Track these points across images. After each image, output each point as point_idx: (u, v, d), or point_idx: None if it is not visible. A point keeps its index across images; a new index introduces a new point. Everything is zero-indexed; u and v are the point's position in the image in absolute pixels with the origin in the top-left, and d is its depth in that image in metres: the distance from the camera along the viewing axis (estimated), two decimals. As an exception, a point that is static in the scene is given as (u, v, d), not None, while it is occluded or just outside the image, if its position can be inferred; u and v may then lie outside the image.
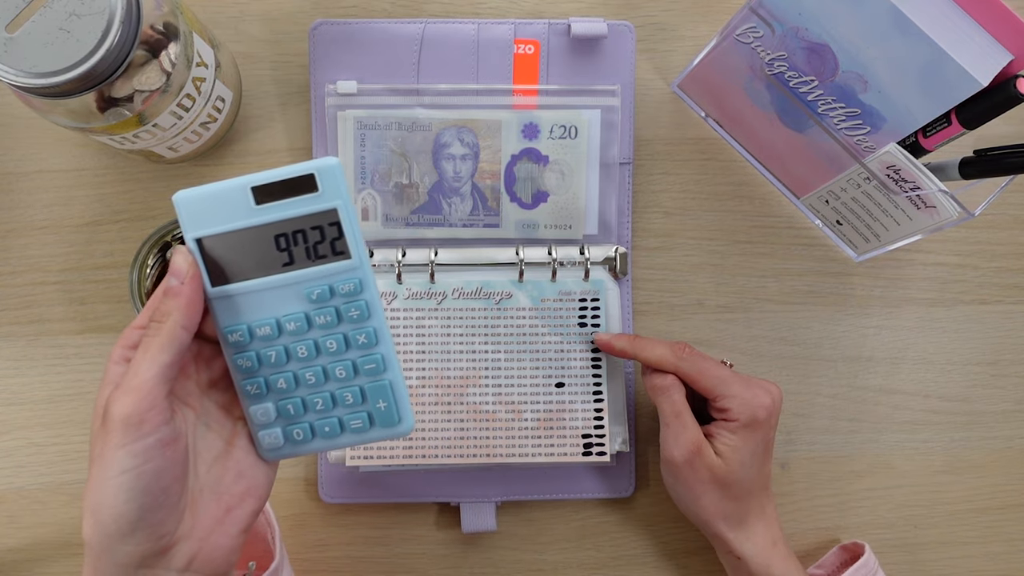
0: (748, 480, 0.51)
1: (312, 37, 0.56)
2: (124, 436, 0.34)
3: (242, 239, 0.37)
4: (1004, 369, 0.60)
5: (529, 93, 0.56)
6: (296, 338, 0.39)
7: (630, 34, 0.57)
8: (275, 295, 0.38)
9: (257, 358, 0.39)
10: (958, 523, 0.60)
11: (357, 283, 0.38)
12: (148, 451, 0.34)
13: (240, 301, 0.38)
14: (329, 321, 0.38)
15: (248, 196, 0.37)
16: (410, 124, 0.56)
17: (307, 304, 0.38)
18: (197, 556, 0.36)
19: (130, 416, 0.34)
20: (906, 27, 0.42)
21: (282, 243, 0.37)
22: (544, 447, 0.55)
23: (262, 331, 0.38)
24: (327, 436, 0.40)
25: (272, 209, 0.37)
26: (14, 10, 0.42)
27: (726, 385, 0.50)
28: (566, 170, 0.56)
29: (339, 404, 0.39)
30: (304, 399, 0.39)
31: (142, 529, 0.35)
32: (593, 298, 0.56)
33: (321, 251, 0.38)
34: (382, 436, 0.40)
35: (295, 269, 0.38)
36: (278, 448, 0.39)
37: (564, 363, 0.56)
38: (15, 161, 0.57)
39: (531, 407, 0.55)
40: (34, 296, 0.57)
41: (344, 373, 0.39)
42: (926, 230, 0.50)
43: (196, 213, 0.37)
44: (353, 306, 0.38)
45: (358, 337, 0.39)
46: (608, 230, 0.57)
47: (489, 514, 0.57)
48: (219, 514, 0.37)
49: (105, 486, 0.34)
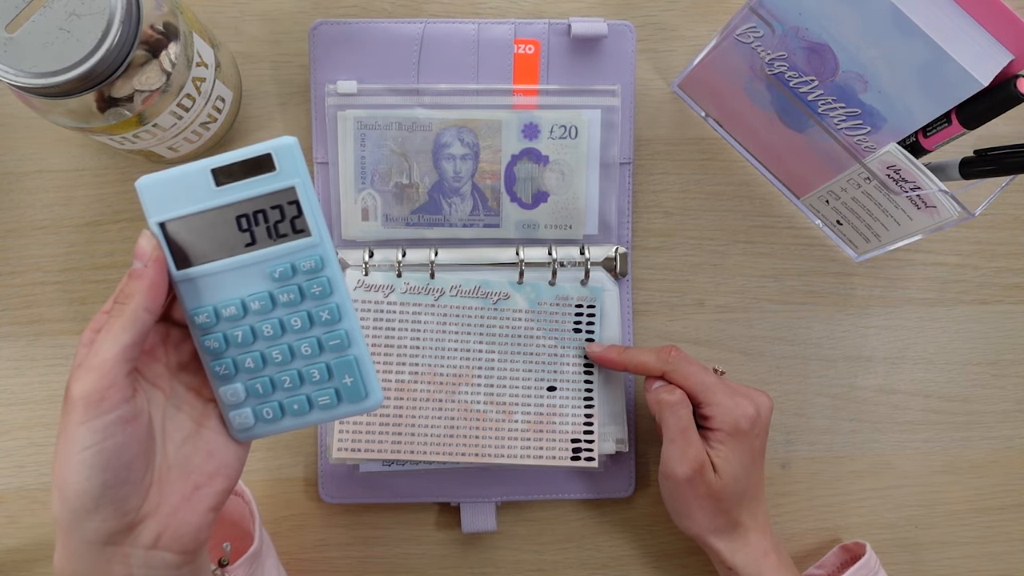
0: (739, 492, 0.51)
1: (312, 37, 0.56)
2: (85, 413, 0.35)
3: (204, 221, 0.38)
4: (1004, 369, 0.60)
5: (529, 93, 0.56)
6: (261, 317, 0.39)
7: (630, 34, 0.57)
8: (239, 275, 0.38)
9: (224, 339, 0.39)
10: (958, 523, 0.60)
11: (318, 259, 0.38)
12: (108, 428, 0.35)
13: (205, 283, 0.38)
14: (292, 299, 0.39)
15: (208, 178, 0.37)
16: (410, 124, 0.56)
17: (270, 283, 0.39)
18: (164, 533, 0.37)
19: (90, 394, 0.35)
20: (906, 27, 0.42)
21: (243, 223, 0.38)
22: (533, 450, 0.55)
23: (228, 311, 0.39)
24: (296, 414, 0.40)
25: (232, 190, 0.37)
26: (14, 10, 0.42)
27: (710, 392, 0.50)
28: (566, 170, 0.56)
29: (307, 381, 0.40)
30: (272, 377, 0.40)
31: (105, 505, 0.35)
32: (590, 304, 0.56)
33: (282, 230, 0.38)
34: (350, 412, 0.40)
35: (257, 249, 0.38)
36: (249, 428, 0.40)
37: (557, 367, 0.56)
38: (15, 161, 0.57)
39: (522, 409, 0.55)
40: (34, 296, 0.57)
41: (309, 350, 0.39)
42: (926, 230, 0.50)
43: (159, 197, 0.38)
44: (315, 283, 0.39)
45: (321, 313, 0.39)
46: (608, 230, 0.57)
47: (489, 514, 0.57)
48: (187, 491, 0.38)
49: (68, 463, 0.35)
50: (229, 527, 0.51)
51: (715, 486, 0.50)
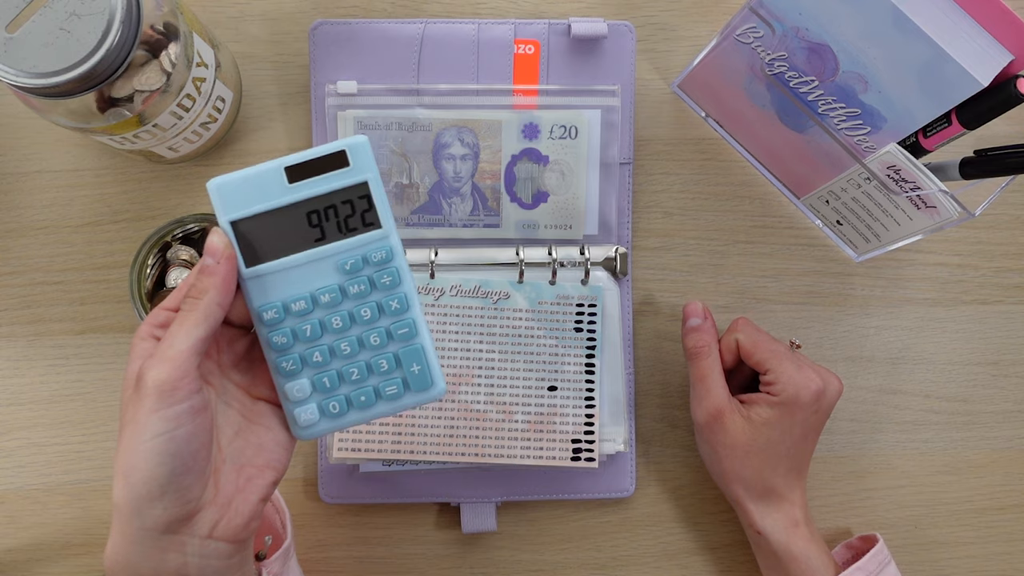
0: (775, 456, 0.51)
1: (312, 37, 0.56)
2: (159, 401, 0.36)
3: (275, 218, 0.39)
4: (1004, 369, 0.60)
5: (529, 93, 0.56)
6: (330, 310, 0.40)
7: (630, 34, 0.57)
8: (308, 270, 0.39)
9: (292, 334, 0.40)
10: (958, 523, 0.60)
11: (388, 250, 0.40)
12: (180, 416, 0.36)
13: (274, 279, 0.39)
14: (363, 290, 0.40)
15: (282, 176, 0.39)
16: (410, 124, 0.56)
17: (341, 276, 0.40)
18: (219, 523, 0.38)
19: (164, 383, 0.36)
20: (906, 27, 0.42)
21: (314, 219, 0.39)
22: (533, 450, 0.55)
23: (297, 306, 0.39)
24: (362, 406, 0.41)
25: (305, 187, 0.39)
26: (14, 10, 0.42)
27: (776, 360, 0.51)
28: (566, 170, 0.56)
29: (374, 372, 0.40)
30: (340, 371, 0.40)
31: (171, 493, 0.36)
32: (590, 303, 0.56)
33: (352, 224, 0.39)
34: (416, 402, 0.41)
35: (327, 243, 0.39)
36: (314, 424, 0.41)
37: (558, 367, 0.56)
38: (15, 161, 0.57)
39: (522, 409, 0.55)
40: (34, 296, 0.57)
41: (378, 340, 0.40)
42: (926, 230, 0.50)
43: (230, 197, 0.39)
44: (385, 273, 0.40)
45: (391, 303, 0.40)
46: (608, 230, 0.57)
47: (489, 514, 0.57)
48: (240, 483, 0.39)
49: (138, 449, 0.36)
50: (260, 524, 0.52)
51: (742, 435, 0.51)
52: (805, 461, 0.53)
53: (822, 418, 0.53)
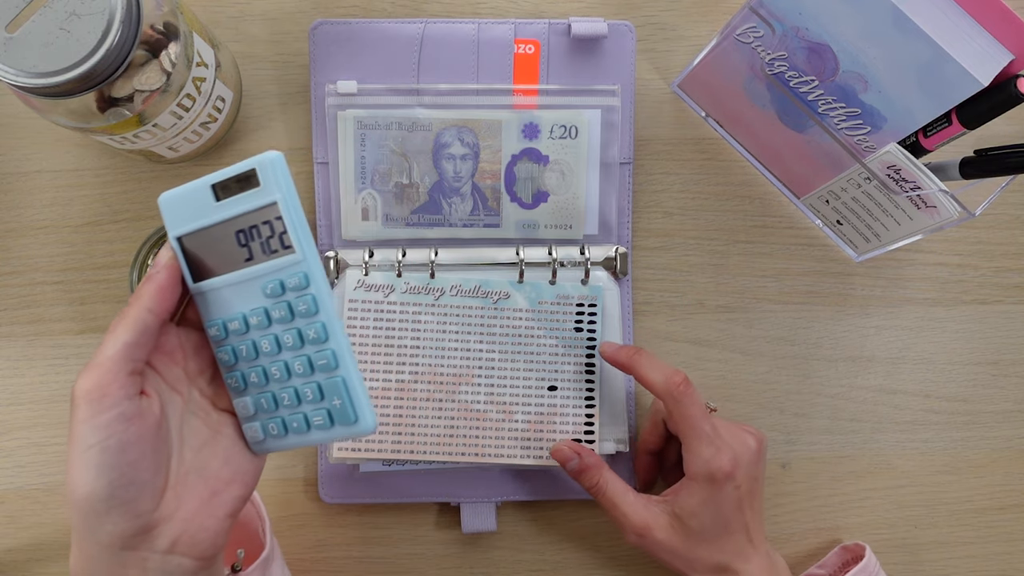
0: (716, 537, 0.50)
1: (312, 37, 0.56)
2: (87, 410, 0.35)
3: (211, 236, 0.38)
4: (1004, 369, 0.60)
5: (529, 93, 0.56)
6: (261, 332, 0.39)
7: (630, 34, 0.57)
8: (241, 290, 0.39)
9: (233, 352, 0.40)
10: (958, 523, 0.60)
11: (303, 277, 0.38)
12: (111, 425, 0.35)
13: (216, 296, 0.39)
14: (284, 316, 0.39)
15: (209, 194, 0.38)
16: (410, 124, 0.56)
17: (265, 299, 0.39)
18: (181, 538, 0.37)
19: (91, 391, 0.35)
20: (906, 27, 0.42)
21: (242, 239, 0.38)
22: (533, 450, 0.55)
23: (232, 326, 0.39)
24: (298, 432, 0.40)
25: (228, 205, 0.38)
26: (14, 10, 0.42)
27: (695, 440, 0.49)
28: (566, 170, 0.56)
29: (303, 400, 0.39)
30: (275, 394, 0.40)
31: (116, 507, 0.35)
32: (590, 303, 0.56)
33: (273, 245, 0.38)
34: (344, 435, 0.39)
35: (254, 264, 0.38)
36: (260, 442, 0.40)
37: (558, 367, 0.56)
38: (15, 161, 0.57)
39: (522, 409, 0.55)
40: (34, 296, 0.57)
41: (302, 368, 0.39)
42: (926, 230, 0.50)
43: (175, 212, 0.39)
44: (301, 300, 0.38)
45: (309, 332, 0.39)
46: (608, 230, 0.57)
47: (489, 514, 0.57)
48: (205, 496, 0.38)
49: (75, 463, 0.35)
50: (238, 530, 0.51)
51: (674, 539, 0.50)
52: (754, 525, 0.51)
53: (751, 484, 0.50)
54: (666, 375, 0.50)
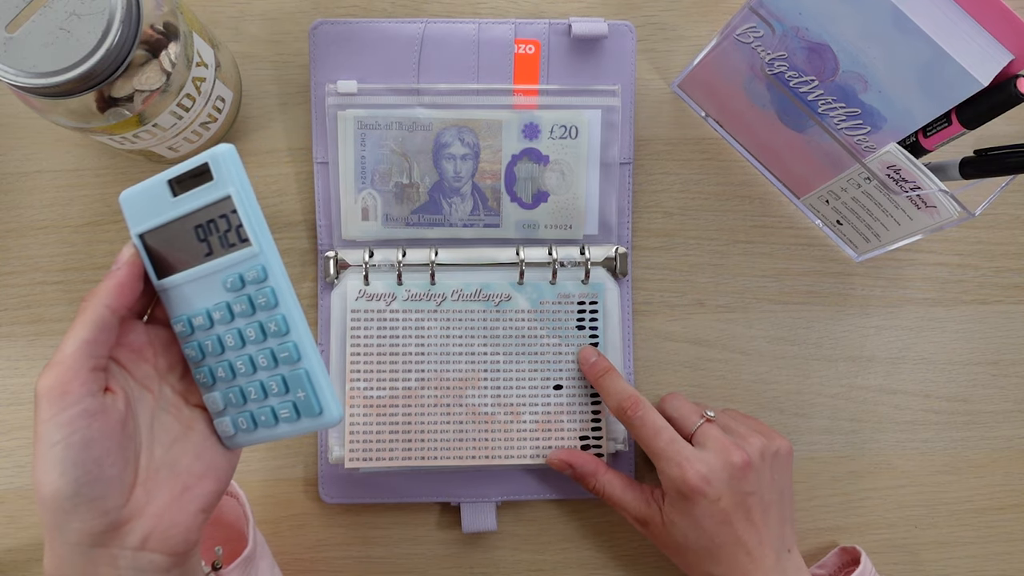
0: (703, 549, 0.49)
1: (312, 37, 0.56)
2: (49, 408, 0.35)
3: (171, 232, 0.39)
4: (1004, 369, 0.60)
5: (530, 93, 0.56)
6: (224, 327, 0.39)
7: (630, 34, 0.57)
8: (203, 285, 0.39)
9: (200, 348, 0.40)
10: (958, 523, 0.60)
11: (260, 270, 0.38)
12: (74, 422, 0.35)
13: (179, 292, 0.39)
14: (245, 309, 0.39)
15: (166, 190, 0.38)
16: (410, 124, 0.56)
17: (226, 293, 0.39)
18: (152, 534, 0.37)
19: (52, 388, 0.35)
20: (906, 27, 0.42)
21: (200, 233, 0.38)
22: (542, 449, 0.55)
23: (197, 321, 0.39)
24: (266, 426, 0.40)
25: (184, 201, 0.38)
26: (14, 10, 0.42)
27: (655, 459, 0.50)
28: (566, 170, 0.56)
29: (269, 394, 0.39)
30: (242, 388, 0.40)
31: (82, 504, 0.35)
32: (592, 301, 0.56)
33: (231, 239, 0.38)
34: (311, 427, 0.39)
35: (213, 259, 0.39)
36: (231, 436, 0.40)
37: (562, 365, 0.56)
38: (15, 161, 0.57)
39: (529, 409, 0.55)
40: (34, 296, 0.57)
41: (266, 361, 0.39)
42: (926, 230, 0.50)
43: (135, 209, 0.39)
44: (260, 293, 0.38)
45: (270, 325, 0.39)
46: (608, 230, 0.57)
47: (489, 514, 0.57)
48: (176, 492, 0.38)
49: (39, 462, 0.35)
50: (224, 528, 0.51)
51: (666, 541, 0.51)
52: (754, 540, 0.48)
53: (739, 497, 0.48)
54: (618, 400, 0.52)
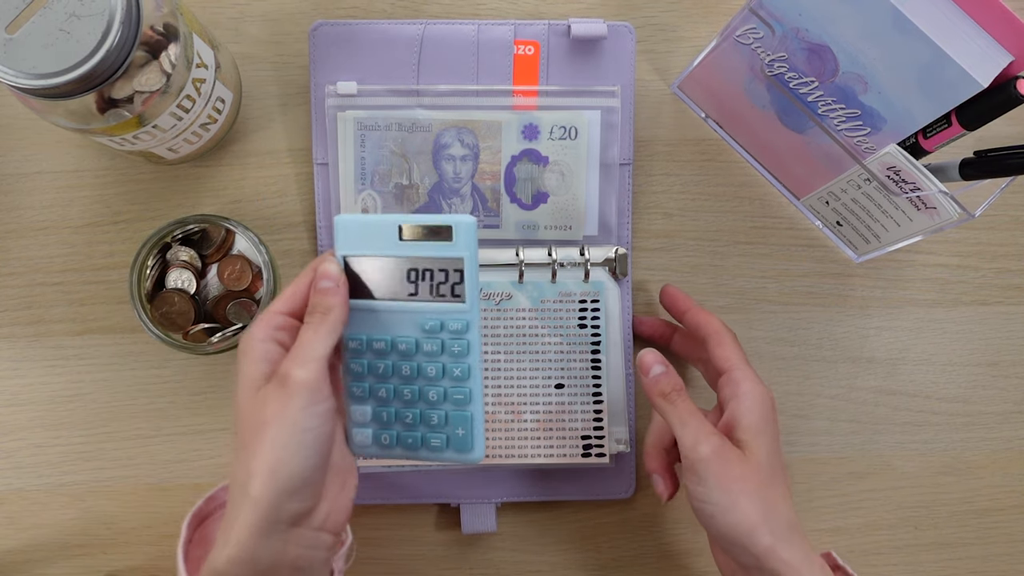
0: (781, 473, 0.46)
1: (312, 38, 0.56)
2: (309, 399, 0.39)
3: (382, 265, 0.43)
4: (1004, 370, 0.60)
5: (529, 94, 0.56)
6: (404, 358, 0.44)
7: (630, 35, 0.57)
8: (395, 318, 0.44)
9: (368, 366, 0.44)
10: (958, 524, 0.60)
11: (465, 324, 0.43)
12: (324, 414, 0.40)
13: (364, 315, 0.44)
14: (434, 350, 0.44)
15: (395, 231, 0.43)
16: (410, 125, 0.56)
17: (420, 332, 0.44)
18: (329, 517, 0.41)
19: (312, 382, 0.39)
20: (906, 28, 0.42)
21: (412, 276, 0.43)
22: (543, 448, 0.55)
23: (377, 345, 0.44)
24: (408, 447, 0.45)
25: (412, 246, 0.43)
26: (14, 11, 0.42)
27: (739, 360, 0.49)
28: (566, 171, 0.56)
29: (425, 423, 0.44)
30: (398, 410, 0.44)
31: (309, 486, 0.39)
32: (593, 299, 0.56)
33: (442, 291, 0.43)
34: (453, 459, 0.45)
35: (417, 301, 0.43)
36: (365, 446, 0.45)
37: (564, 364, 0.56)
38: (15, 162, 0.57)
39: (531, 408, 0.55)
40: (34, 297, 0.57)
41: (436, 397, 0.44)
42: (926, 231, 0.50)
43: (349, 235, 0.43)
44: (457, 343, 0.44)
45: (455, 369, 0.44)
46: (608, 231, 0.57)
47: (489, 515, 0.57)
48: (339, 483, 0.42)
49: (288, 443, 0.38)
50: None
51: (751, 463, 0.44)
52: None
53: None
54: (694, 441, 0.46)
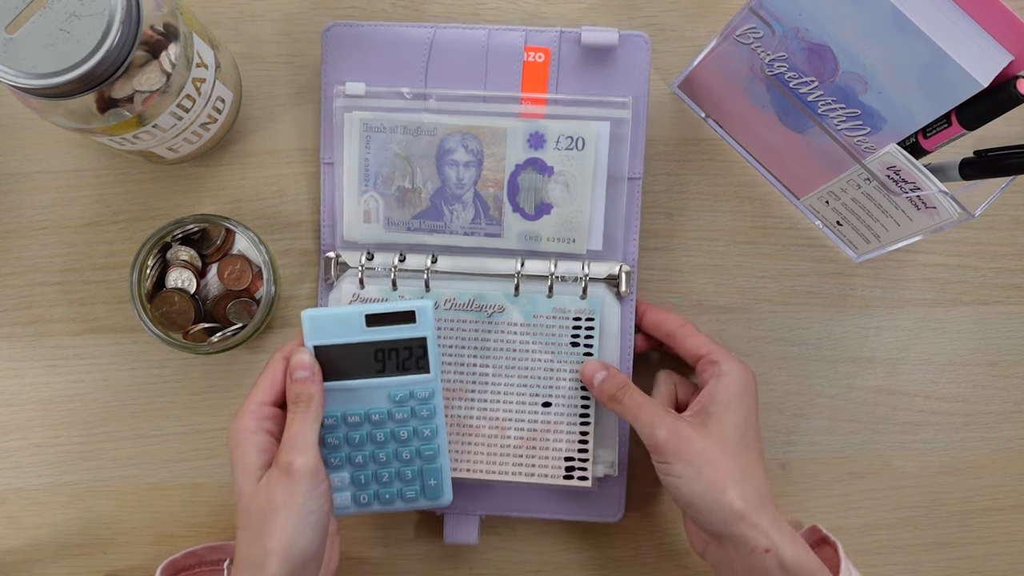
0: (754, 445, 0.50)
1: (325, 38, 0.56)
2: (312, 483, 0.44)
3: (350, 350, 0.49)
4: (1004, 370, 0.60)
5: (537, 102, 0.55)
6: (377, 426, 0.50)
7: (644, 45, 0.55)
8: (366, 392, 0.49)
9: (344, 438, 0.50)
10: (958, 524, 0.60)
11: (431, 391, 0.50)
12: (324, 495, 0.45)
13: (337, 394, 0.49)
14: (404, 417, 0.50)
15: (362, 320, 0.48)
16: (415, 128, 0.55)
17: (390, 403, 0.50)
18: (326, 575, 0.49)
19: (313, 467, 0.44)
20: (906, 27, 0.42)
21: (379, 356, 0.49)
22: (525, 467, 0.55)
23: (352, 419, 0.49)
24: (384, 502, 0.50)
25: (378, 331, 0.49)
26: (14, 11, 0.42)
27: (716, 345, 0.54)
28: (571, 182, 0.55)
29: (400, 479, 0.50)
30: (375, 472, 0.50)
31: (316, 560, 0.45)
32: (588, 317, 0.55)
33: (408, 365, 0.49)
34: (426, 505, 0.51)
35: (385, 376, 0.49)
36: (345, 507, 0.50)
37: (552, 382, 0.55)
38: (15, 162, 0.57)
39: (515, 425, 0.55)
40: (34, 297, 0.57)
41: (408, 456, 0.50)
42: (926, 231, 0.50)
43: (318, 327, 0.48)
44: (424, 407, 0.50)
45: (424, 431, 0.50)
46: (614, 246, 0.56)
47: (472, 527, 0.56)
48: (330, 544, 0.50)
49: (297, 525, 0.43)
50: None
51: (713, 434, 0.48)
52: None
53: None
54: None
